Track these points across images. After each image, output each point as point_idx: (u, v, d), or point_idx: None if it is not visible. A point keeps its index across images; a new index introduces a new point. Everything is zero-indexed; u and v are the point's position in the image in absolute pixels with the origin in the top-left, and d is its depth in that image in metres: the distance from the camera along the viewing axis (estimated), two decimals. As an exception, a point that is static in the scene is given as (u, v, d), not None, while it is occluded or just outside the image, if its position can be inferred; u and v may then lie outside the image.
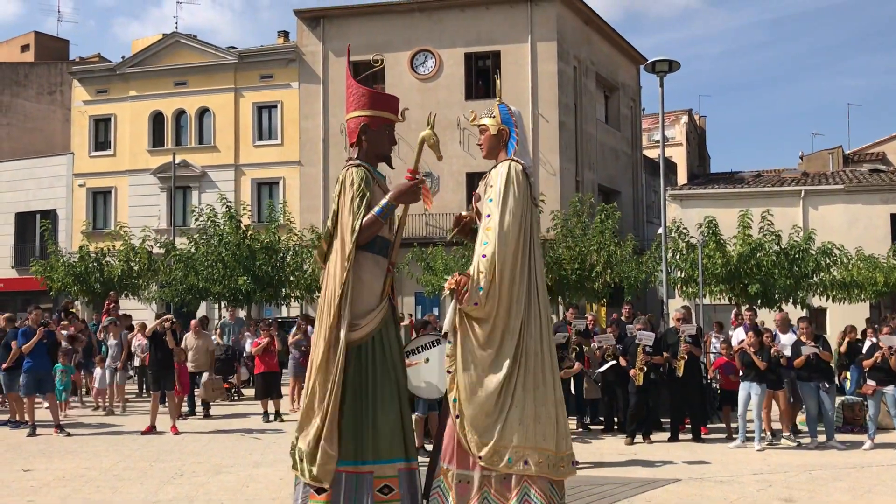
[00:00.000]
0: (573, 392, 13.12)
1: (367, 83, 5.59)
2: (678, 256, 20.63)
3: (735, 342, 13.52)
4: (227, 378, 17.47)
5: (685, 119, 42.69)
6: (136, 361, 16.89)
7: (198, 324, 15.79)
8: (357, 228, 5.05)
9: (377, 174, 5.37)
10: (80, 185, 35.28)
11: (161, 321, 13.58)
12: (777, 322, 13.38)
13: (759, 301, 19.84)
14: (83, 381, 16.82)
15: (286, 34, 36.09)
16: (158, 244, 25.40)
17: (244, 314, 23.45)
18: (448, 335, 5.20)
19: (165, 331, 13.28)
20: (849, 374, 15.03)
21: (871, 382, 11.63)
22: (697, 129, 44.97)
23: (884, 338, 11.95)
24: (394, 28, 31.66)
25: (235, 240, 22.79)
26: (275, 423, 13.80)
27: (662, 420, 12.70)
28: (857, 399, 13.06)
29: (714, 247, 20.04)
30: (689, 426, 12.33)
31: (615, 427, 12.80)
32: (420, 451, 5.46)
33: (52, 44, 44.29)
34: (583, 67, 33.24)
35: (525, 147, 5.42)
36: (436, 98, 30.00)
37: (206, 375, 15.14)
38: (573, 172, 32.03)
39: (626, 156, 37.88)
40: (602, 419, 13.31)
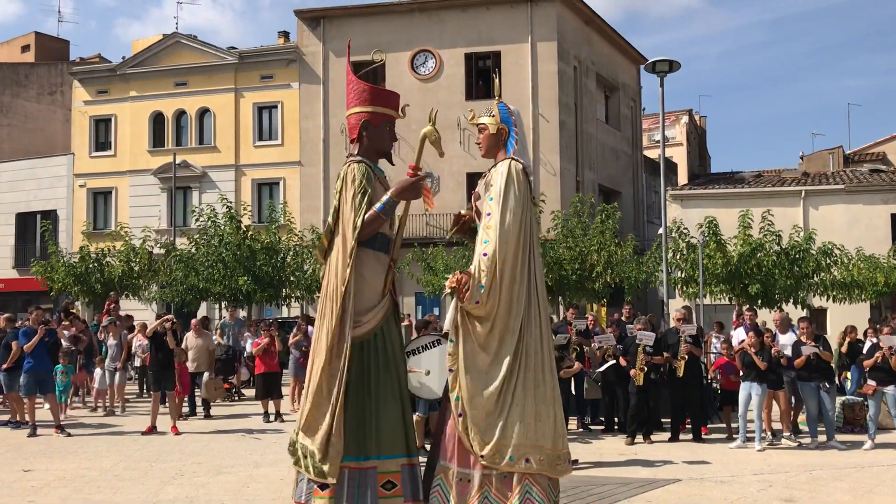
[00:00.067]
0: (573, 392, 13.13)
1: (368, 81, 5.59)
2: (678, 256, 20.63)
3: (735, 342, 13.54)
4: (228, 378, 17.49)
5: (685, 119, 42.67)
6: (137, 362, 16.92)
7: (198, 323, 15.79)
8: (359, 224, 5.03)
9: (378, 170, 5.37)
10: (81, 186, 35.29)
11: (161, 321, 13.59)
12: (776, 322, 13.39)
13: (760, 301, 19.84)
14: (85, 381, 16.82)
15: (286, 34, 36.08)
16: (159, 244, 25.42)
17: (244, 314, 23.45)
18: (449, 334, 5.19)
19: (166, 331, 13.29)
20: (849, 374, 15.03)
21: (872, 382, 11.64)
22: (698, 130, 44.95)
23: (884, 338, 11.96)
24: (394, 28, 31.66)
25: (236, 240, 22.80)
26: (275, 424, 13.80)
27: (663, 420, 12.70)
28: (858, 399, 13.06)
29: (714, 247, 20.04)
30: (690, 426, 12.34)
31: (615, 427, 12.79)
32: (421, 451, 5.45)
33: (53, 44, 44.28)
34: (583, 67, 33.24)
35: (524, 146, 5.42)
36: (436, 98, 29.95)
37: (207, 375, 15.14)
38: (573, 172, 32.03)
39: (627, 156, 37.88)
40: (602, 419, 13.31)
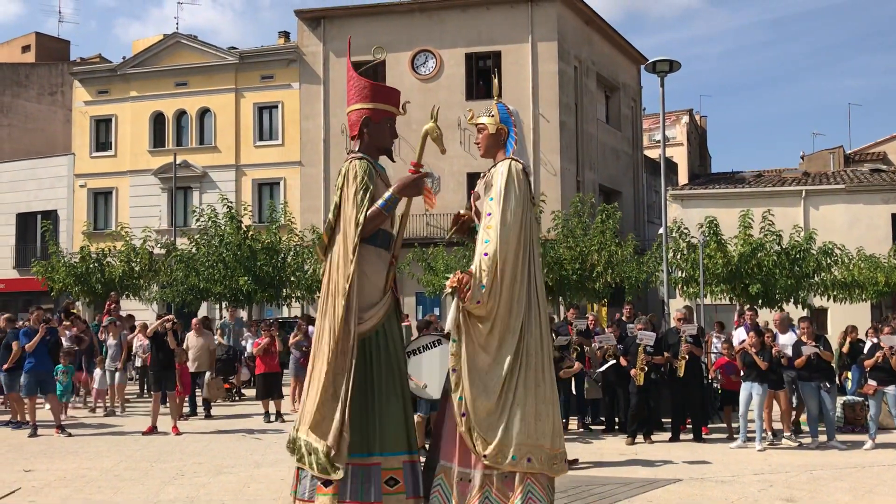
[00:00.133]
0: (574, 392, 13.13)
1: (368, 78, 5.58)
2: (679, 256, 20.61)
3: (736, 342, 13.53)
4: (228, 378, 17.49)
5: (686, 119, 42.66)
6: (138, 362, 16.91)
7: (199, 322, 15.79)
8: (361, 221, 5.01)
9: (379, 167, 5.37)
10: (81, 186, 35.30)
11: (162, 322, 13.59)
12: (776, 322, 13.39)
13: (760, 301, 19.83)
14: (87, 382, 16.82)
15: (287, 34, 36.09)
16: (159, 245, 25.42)
17: (245, 315, 23.45)
18: (451, 334, 5.18)
19: (167, 331, 13.29)
20: (850, 374, 15.03)
21: (873, 382, 11.63)
22: (698, 129, 44.94)
23: (884, 337, 11.95)
24: (394, 28, 31.64)
25: (236, 240, 22.79)
26: (276, 424, 13.81)
27: (663, 420, 12.70)
28: (859, 399, 13.06)
29: (715, 247, 20.03)
30: (690, 426, 12.33)
31: (616, 427, 12.79)
32: (421, 451, 5.44)
33: (53, 44, 44.30)
34: (583, 67, 33.23)
35: (522, 146, 5.41)
36: (436, 98, 29.85)
37: (209, 375, 15.14)
38: (574, 172, 32.03)
39: (627, 156, 37.87)
40: (603, 419, 13.30)
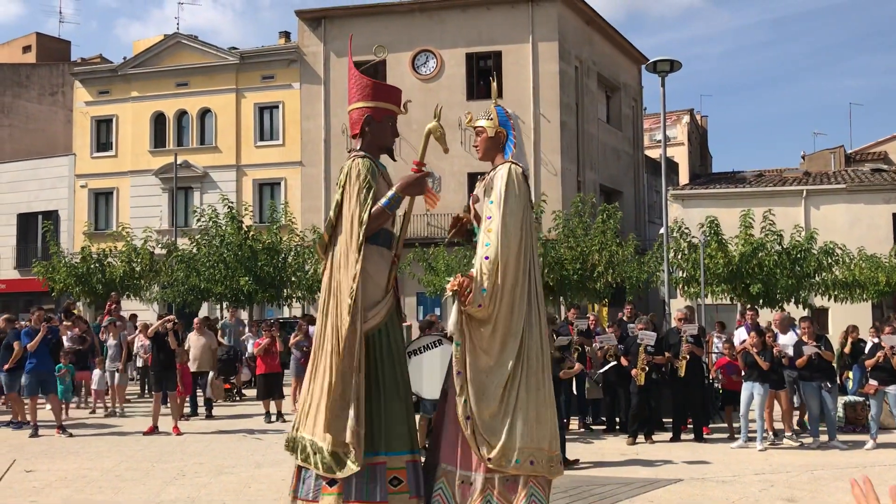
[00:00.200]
0: (575, 392, 13.12)
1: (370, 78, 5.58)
2: (680, 256, 20.61)
3: (737, 342, 13.53)
4: (229, 378, 17.50)
5: (687, 119, 42.64)
6: (139, 362, 16.92)
7: (201, 322, 15.80)
8: (365, 219, 4.98)
9: (380, 166, 5.36)
10: (82, 186, 35.30)
11: (163, 322, 13.60)
12: (776, 322, 13.38)
13: (761, 301, 19.81)
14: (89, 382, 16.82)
15: (287, 35, 36.08)
16: (160, 245, 25.41)
17: (246, 315, 23.45)
18: (455, 337, 5.16)
19: (167, 331, 13.30)
20: (851, 374, 15.03)
21: (874, 382, 11.63)
22: (699, 129, 44.93)
23: (885, 337, 11.95)
24: (395, 28, 31.62)
25: (237, 240, 22.80)
26: (277, 424, 13.81)
27: (664, 420, 12.70)
28: (860, 399, 13.05)
29: (716, 247, 20.02)
30: (691, 426, 12.34)
31: (617, 427, 12.80)
32: (422, 451, 5.43)
33: (54, 45, 44.31)
34: (584, 67, 33.22)
35: (521, 150, 5.42)
36: (437, 98, 29.82)
37: (212, 375, 15.15)
38: (575, 172, 32.00)
39: (628, 156, 37.86)
40: (604, 419, 13.31)
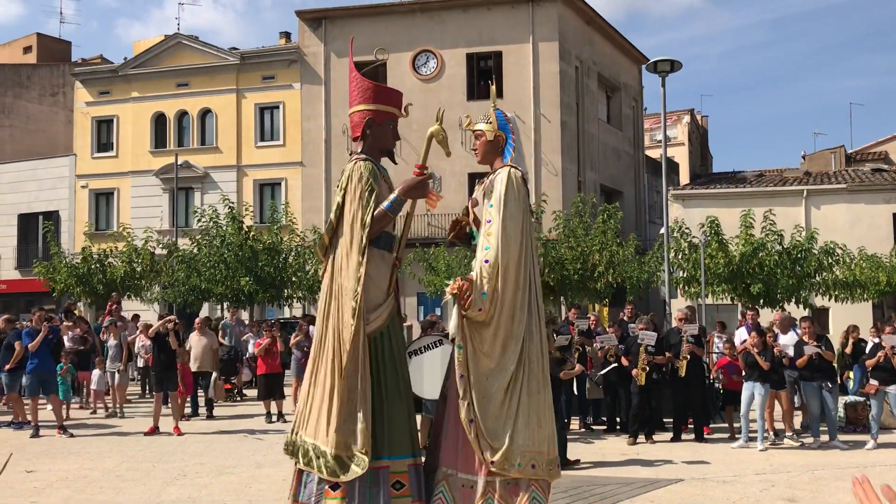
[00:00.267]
0: (575, 392, 13.13)
1: (369, 79, 5.58)
2: (680, 256, 20.59)
3: (738, 342, 13.53)
4: (230, 379, 17.50)
5: (687, 119, 42.63)
6: (140, 362, 16.92)
7: (202, 322, 15.80)
8: (368, 222, 4.97)
9: (382, 169, 5.36)
10: (83, 187, 35.31)
11: (164, 322, 13.60)
12: (776, 322, 13.38)
13: (762, 301, 19.81)
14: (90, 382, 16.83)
15: (288, 35, 36.09)
16: (161, 245, 25.42)
17: (246, 315, 23.45)
18: (457, 340, 5.14)
19: (168, 332, 13.30)
20: (851, 374, 15.03)
21: (874, 382, 11.63)
22: (699, 129, 44.91)
23: (886, 337, 11.94)
24: (395, 28, 31.64)
25: (238, 241, 22.80)
26: (277, 424, 13.82)
27: (665, 420, 12.70)
28: (860, 399, 13.05)
29: (716, 246, 20.01)
30: (692, 426, 12.34)
31: (617, 427, 12.80)
32: (423, 451, 5.43)
33: (55, 45, 44.33)
34: (584, 67, 33.22)
35: (520, 153, 5.41)
36: (437, 98, 29.92)
37: (216, 376, 15.16)
38: (575, 172, 32.00)
39: (629, 156, 37.86)
40: (604, 419, 13.31)
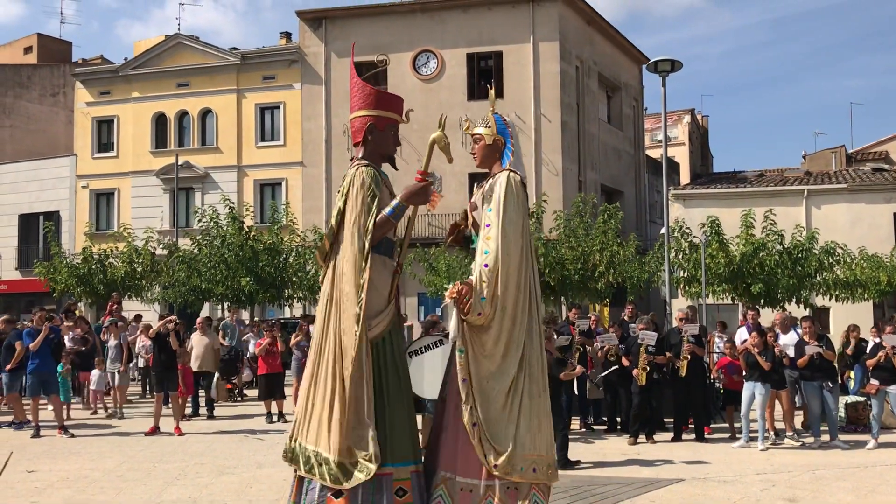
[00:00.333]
0: (576, 392, 13.12)
1: (370, 83, 5.57)
2: (681, 256, 20.59)
3: (738, 342, 13.52)
4: (230, 379, 17.50)
5: (688, 119, 42.62)
6: (141, 363, 16.93)
7: (203, 322, 15.80)
8: (370, 228, 4.95)
9: (382, 174, 5.35)
10: (84, 187, 35.32)
11: (164, 322, 13.60)
12: (777, 322, 13.37)
13: (763, 301, 19.80)
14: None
15: (288, 35, 36.11)
16: (161, 245, 25.43)
17: (247, 315, 23.44)
18: (458, 343, 5.13)
19: (169, 332, 13.30)
20: (852, 374, 15.02)
21: (875, 382, 11.63)
22: (700, 129, 44.90)
23: (886, 337, 11.94)
24: (396, 28, 31.65)
25: (238, 241, 22.81)
26: (278, 424, 13.82)
27: (665, 420, 12.70)
28: (861, 399, 13.05)
29: (717, 246, 20.01)
30: (693, 426, 12.33)
31: (618, 427, 12.79)
32: (423, 452, 5.42)
33: (55, 46, 44.36)
34: (585, 67, 33.21)
35: (520, 154, 5.44)
36: (438, 98, 29.96)
37: (218, 376, 15.17)
38: (576, 172, 31.99)
39: (629, 155, 37.85)
40: (605, 419, 13.31)
